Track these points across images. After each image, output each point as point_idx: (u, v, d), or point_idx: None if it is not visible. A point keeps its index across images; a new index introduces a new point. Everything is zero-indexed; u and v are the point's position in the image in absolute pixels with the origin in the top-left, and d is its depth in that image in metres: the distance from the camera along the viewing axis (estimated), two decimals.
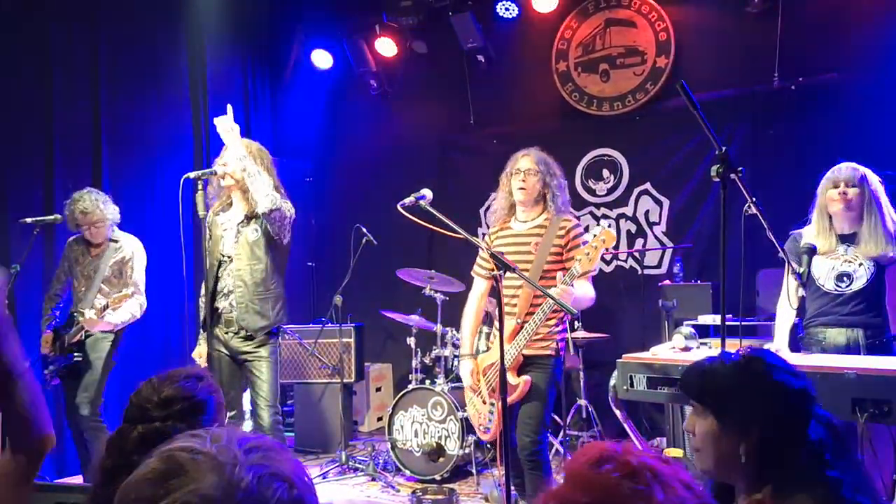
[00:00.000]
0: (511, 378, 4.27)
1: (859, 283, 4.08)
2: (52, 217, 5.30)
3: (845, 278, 4.10)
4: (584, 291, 4.34)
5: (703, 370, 2.12)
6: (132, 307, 5.49)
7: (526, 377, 4.32)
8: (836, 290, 4.12)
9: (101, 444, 2.11)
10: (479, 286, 4.82)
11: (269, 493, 1.05)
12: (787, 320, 4.23)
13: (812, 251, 3.90)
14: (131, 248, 5.68)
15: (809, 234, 4.25)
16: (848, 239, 4.17)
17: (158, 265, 5.93)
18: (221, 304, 4.76)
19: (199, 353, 4.87)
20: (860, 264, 4.08)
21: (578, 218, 4.80)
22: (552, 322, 4.39)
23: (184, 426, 1.98)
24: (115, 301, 5.25)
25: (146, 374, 2.19)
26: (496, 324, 4.81)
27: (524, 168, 4.51)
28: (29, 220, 5.22)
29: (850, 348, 4.06)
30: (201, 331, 4.93)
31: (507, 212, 4.68)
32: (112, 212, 5.58)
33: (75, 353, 5.47)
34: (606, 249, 4.35)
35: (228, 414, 4.61)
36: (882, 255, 4.04)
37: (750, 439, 1.98)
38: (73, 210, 5.46)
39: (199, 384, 2.17)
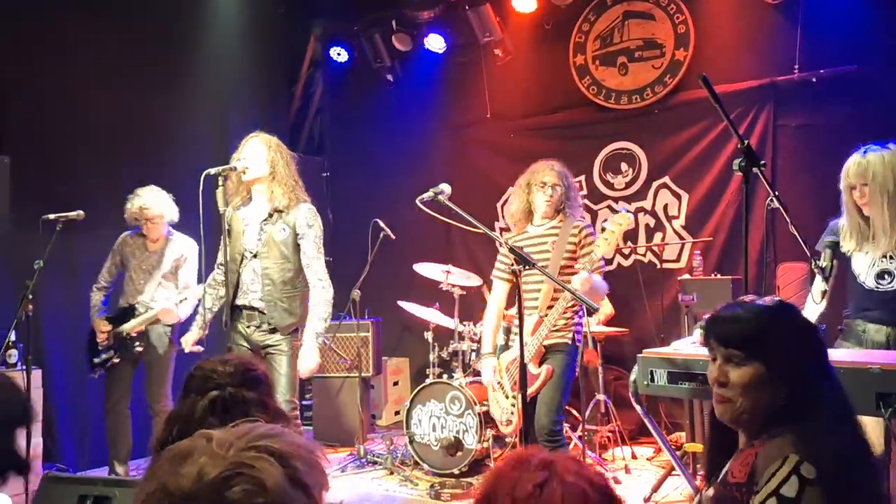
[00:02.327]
0: (532, 368, 4.48)
1: None
2: (74, 213, 5.32)
3: (886, 276, 3.98)
4: (602, 283, 4.56)
5: (744, 318, 2.09)
6: (192, 303, 5.75)
7: (547, 366, 4.51)
8: (876, 287, 4.00)
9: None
10: (499, 288, 4.98)
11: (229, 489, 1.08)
12: (810, 316, 4.15)
13: (835, 245, 3.80)
14: (188, 248, 5.95)
15: (844, 227, 4.12)
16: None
17: None
18: (241, 299, 4.77)
19: (187, 340, 5.00)
20: None
21: (583, 216, 4.97)
22: (568, 315, 4.60)
23: (251, 395, 2.16)
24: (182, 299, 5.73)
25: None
26: (516, 320, 4.87)
27: (550, 183, 4.72)
28: (52, 216, 5.25)
29: (889, 346, 3.96)
30: (198, 318, 5.03)
31: (524, 216, 4.88)
32: (172, 211, 5.89)
33: (136, 343, 5.69)
34: (624, 242, 4.49)
35: None
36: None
37: (790, 383, 2.03)
38: (134, 204, 5.76)
39: (252, 361, 2.33)
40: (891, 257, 3.95)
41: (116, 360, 5.68)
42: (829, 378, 2.08)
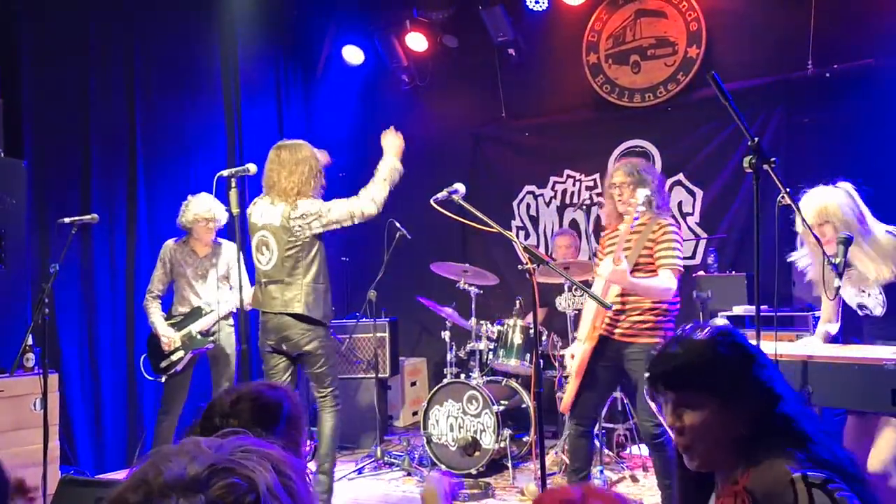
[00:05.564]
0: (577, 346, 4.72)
1: (877, 312, 3.91)
2: (88, 216, 5.35)
3: (865, 308, 3.94)
4: (658, 282, 4.58)
5: (681, 356, 2.01)
6: None
7: (573, 352, 4.69)
8: (860, 313, 3.96)
9: None
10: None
11: None
12: (827, 313, 4.13)
13: (848, 241, 3.73)
14: (233, 251, 5.96)
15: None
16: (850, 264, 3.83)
17: None
18: None
19: None
20: (869, 294, 3.87)
21: (675, 218, 4.90)
22: (646, 305, 4.63)
23: (244, 428, 1.93)
24: None
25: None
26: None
27: (618, 182, 4.68)
28: (66, 220, 5.28)
29: None
30: None
31: (616, 217, 4.85)
32: (224, 217, 5.97)
33: (209, 341, 5.84)
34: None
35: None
36: (886, 280, 3.78)
37: (746, 411, 1.93)
38: (195, 207, 5.80)
39: (272, 390, 2.17)
40: (861, 290, 3.87)
41: (186, 361, 5.76)
42: (784, 393, 1.98)
